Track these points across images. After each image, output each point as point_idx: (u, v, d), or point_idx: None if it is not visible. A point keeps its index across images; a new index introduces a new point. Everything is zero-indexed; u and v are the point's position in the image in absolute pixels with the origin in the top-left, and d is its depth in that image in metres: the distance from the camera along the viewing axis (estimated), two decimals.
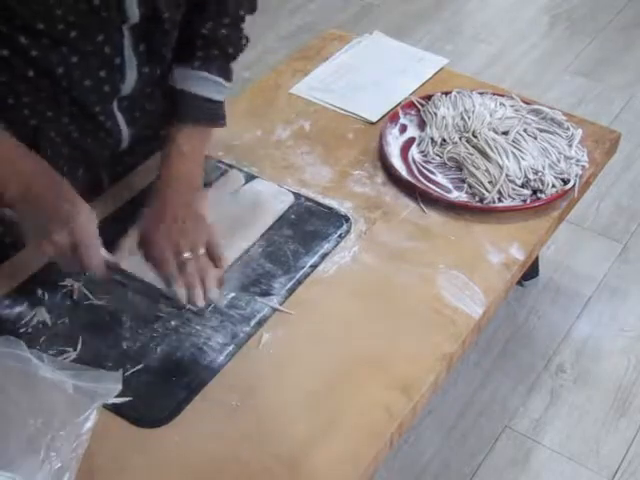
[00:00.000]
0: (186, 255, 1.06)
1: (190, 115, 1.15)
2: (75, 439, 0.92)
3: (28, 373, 0.96)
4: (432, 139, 1.41)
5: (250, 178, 1.30)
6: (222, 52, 1.17)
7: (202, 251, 1.08)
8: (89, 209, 1.02)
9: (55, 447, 0.90)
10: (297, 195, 1.29)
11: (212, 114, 1.18)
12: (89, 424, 0.93)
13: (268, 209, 1.24)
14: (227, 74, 1.19)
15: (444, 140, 1.40)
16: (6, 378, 0.96)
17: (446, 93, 1.50)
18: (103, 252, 1.03)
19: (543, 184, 1.32)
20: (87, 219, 1.01)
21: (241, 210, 1.22)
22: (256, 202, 1.24)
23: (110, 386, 0.97)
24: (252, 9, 1.21)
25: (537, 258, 1.85)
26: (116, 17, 1.03)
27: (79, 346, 1.04)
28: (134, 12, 1.03)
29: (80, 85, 1.07)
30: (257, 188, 1.27)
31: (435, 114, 1.45)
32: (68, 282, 1.13)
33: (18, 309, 1.09)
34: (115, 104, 1.14)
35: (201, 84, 1.16)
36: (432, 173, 1.36)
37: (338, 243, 1.22)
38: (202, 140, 1.18)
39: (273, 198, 1.26)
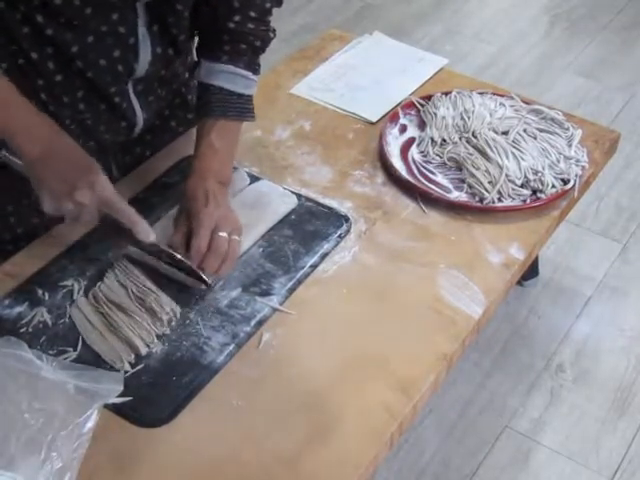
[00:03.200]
0: (222, 234, 1.10)
1: (220, 110, 1.17)
2: (76, 439, 0.92)
3: (29, 373, 0.96)
4: (432, 139, 1.41)
5: (255, 179, 1.30)
6: (250, 46, 1.18)
7: (236, 237, 1.13)
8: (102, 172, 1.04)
9: (56, 447, 0.90)
10: (297, 195, 1.29)
11: (241, 108, 1.19)
12: (90, 424, 0.93)
13: (271, 211, 1.24)
14: (255, 68, 1.20)
15: (444, 140, 1.40)
16: (7, 378, 0.96)
17: (446, 93, 1.50)
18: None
19: (543, 184, 1.32)
20: (104, 178, 1.02)
21: (244, 210, 1.22)
22: (259, 203, 1.24)
23: (111, 386, 0.97)
24: (279, 2, 1.21)
25: (537, 258, 1.85)
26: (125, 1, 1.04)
27: (79, 346, 1.04)
28: None
29: (95, 65, 1.09)
30: (261, 189, 1.27)
31: (435, 114, 1.45)
32: (68, 282, 1.13)
33: (18, 309, 1.09)
34: (130, 87, 1.15)
35: (230, 79, 1.17)
36: (432, 173, 1.36)
37: (338, 243, 1.22)
38: (233, 134, 1.20)
39: (277, 200, 1.25)
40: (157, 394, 1.00)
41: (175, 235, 1.13)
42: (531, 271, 1.93)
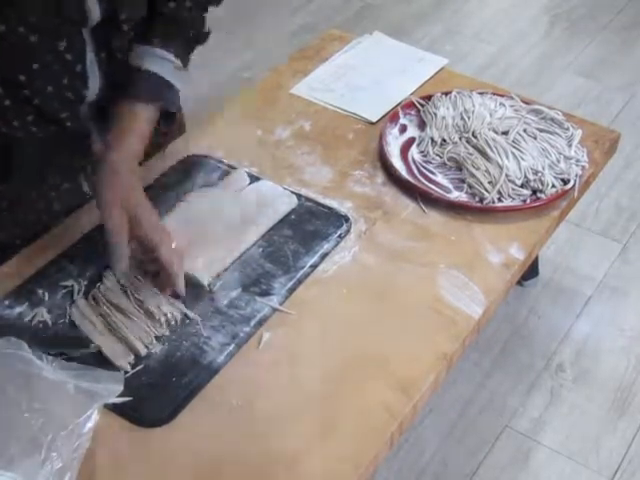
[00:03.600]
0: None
1: (143, 93, 1.13)
2: (76, 439, 0.92)
3: (30, 373, 0.96)
4: (432, 139, 1.41)
5: (255, 179, 1.30)
6: (181, 33, 1.16)
7: (138, 210, 1.08)
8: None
9: (56, 447, 0.90)
10: (297, 195, 1.29)
11: (165, 96, 1.15)
12: (90, 424, 0.93)
13: (271, 210, 1.24)
14: (184, 57, 1.17)
15: (444, 140, 1.40)
16: (8, 378, 0.96)
17: (446, 93, 1.50)
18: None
19: (543, 184, 1.32)
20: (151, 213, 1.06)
21: (243, 210, 1.22)
22: (259, 203, 1.24)
23: (111, 386, 0.97)
24: (218, 1, 1.20)
25: (537, 258, 1.85)
26: (77, 16, 1.03)
27: (79, 347, 1.04)
28: (95, 11, 1.03)
29: (42, 92, 1.07)
30: (261, 189, 1.27)
31: (435, 114, 1.45)
32: (68, 282, 1.13)
33: (18, 309, 1.09)
34: (87, 112, 1.14)
35: (157, 62, 1.14)
36: (432, 173, 1.36)
37: (338, 243, 1.22)
38: (149, 120, 1.14)
39: (277, 200, 1.26)
40: (157, 394, 1.00)
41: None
42: (531, 271, 1.93)
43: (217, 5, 1.21)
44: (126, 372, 1.01)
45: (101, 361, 1.02)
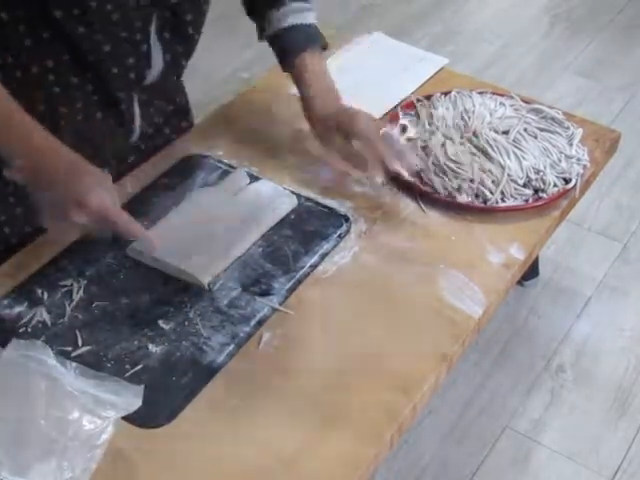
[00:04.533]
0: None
1: (303, 44, 1.25)
2: (89, 450, 0.91)
3: (50, 379, 0.96)
4: (432, 139, 1.40)
5: (255, 179, 1.30)
6: None
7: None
8: (104, 179, 1.03)
9: (68, 457, 0.90)
10: (297, 195, 1.29)
11: (318, 36, 1.28)
12: (105, 436, 0.93)
13: (270, 211, 1.23)
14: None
15: (444, 140, 1.40)
16: (29, 382, 0.95)
17: (446, 93, 1.50)
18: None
19: (545, 183, 1.32)
20: (101, 195, 1.00)
21: (243, 210, 1.22)
22: (259, 203, 1.24)
23: (130, 400, 0.96)
24: None
25: (537, 258, 1.85)
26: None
27: (79, 347, 1.04)
28: None
29: (108, 73, 1.09)
30: (261, 189, 1.27)
31: (435, 114, 1.44)
32: (68, 282, 1.13)
33: (18, 309, 1.09)
34: (135, 97, 1.16)
35: (292, 15, 1.25)
36: (432, 173, 1.36)
37: (338, 243, 1.22)
38: (323, 61, 1.28)
39: (277, 200, 1.25)
40: (157, 394, 0.99)
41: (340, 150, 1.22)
42: (531, 271, 1.93)
43: None
44: (125, 371, 1.01)
45: (100, 361, 1.02)
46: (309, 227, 1.24)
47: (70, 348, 1.04)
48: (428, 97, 1.51)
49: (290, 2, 1.24)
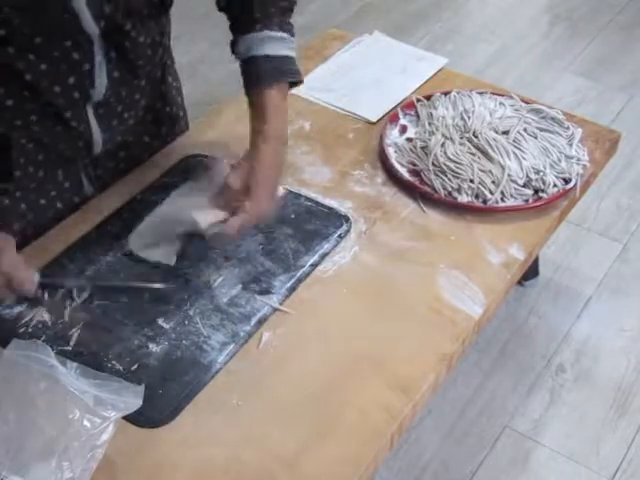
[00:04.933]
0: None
1: (266, 76, 1.15)
2: (90, 450, 0.91)
3: (51, 379, 0.96)
4: (432, 139, 1.40)
5: None
6: (278, 8, 1.17)
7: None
8: (6, 239, 1.05)
9: (68, 457, 0.90)
10: (297, 195, 1.29)
11: (284, 70, 1.18)
12: (106, 436, 0.93)
13: None
14: (288, 28, 1.19)
15: (444, 140, 1.40)
16: (29, 381, 0.96)
17: (446, 93, 1.50)
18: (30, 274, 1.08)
19: (545, 183, 1.32)
20: (10, 254, 1.04)
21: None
22: None
23: (131, 400, 0.96)
24: None
25: (537, 258, 1.85)
26: (76, 31, 1.03)
27: (79, 347, 1.04)
28: (92, 28, 1.03)
29: (49, 91, 1.07)
30: None
31: (435, 114, 1.44)
32: (68, 282, 1.13)
33: (18, 309, 1.09)
34: (90, 111, 1.14)
35: (268, 44, 1.16)
36: (432, 173, 1.36)
37: (338, 243, 1.22)
38: (283, 97, 1.18)
39: None
40: (157, 394, 1.00)
41: (231, 176, 1.11)
42: (531, 271, 1.93)
43: None
44: (126, 373, 1.01)
45: (100, 361, 1.02)
46: (309, 227, 1.24)
47: (70, 348, 1.04)
48: (428, 97, 1.51)
49: (271, 27, 1.16)
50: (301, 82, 1.20)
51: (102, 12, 1.03)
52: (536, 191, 1.32)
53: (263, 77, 1.15)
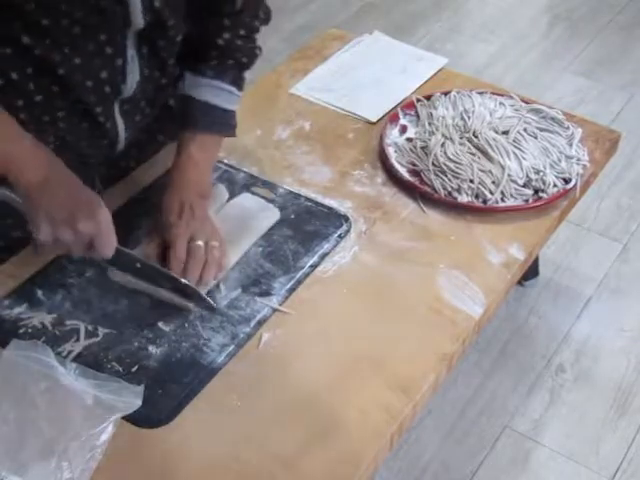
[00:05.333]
0: (198, 242, 1.10)
1: (203, 123, 1.17)
2: (89, 450, 0.91)
3: (50, 379, 0.96)
4: (432, 139, 1.40)
5: (236, 192, 1.28)
6: (237, 62, 1.18)
7: (215, 243, 1.12)
8: (97, 202, 1.04)
9: (67, 457, 0.90)
10: (297, 195, 1.29)
11: (224, 123, 1.19)
12: (105, 436, 0.93)
13: (254, 226, 1.21)
14: (239, 83, 1.20)
15: (444, 140, 1.40)
16: (29, 382, 0.96)
17: (446, 93, 1.50)
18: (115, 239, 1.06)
19: (545, 183, 1.32)
20: (106, 210, 1.03)
21: (226, 226, 1.19)
22: (241, 219, 1.22)
23: (130, 400, 0.96)
24: (267, 20, 1.22)
25: (537, 258, 1.85)
26: (120, 22, 1.03)
27: (79, 347, 1.04)
28: (139, 20, 1.04)
29: (81, 86, 1.08)
30: (243, 204, 1.25)
31: (434, 114, 1.44)
32: (68, 283, 1.12)
33: (18, 309, 1.09)
34: (117, 107, 1.14)
35: (215, 93, 1.17)
36: (432, 173, 1.36)
37: (338, 243, 1.22)
38: (213, 148, 1.20)
39: (259, 215, 1.23)
40: (157, 394, 1.00)
41: (148, 246, 1.13)
42: (531, 271, 1.93)
43: (267, 24, 1.22)
44: (126, 373, 1.01)
45: (100, 361, 1.02)
46: (309, 227, 1.24)
47: (70, 349, 1.04)
48: (428, 97, 1.51)
49: (214, 77, 1.17)
50: (234, 135, 1.22)
51: (152, 5, 1.04)
52: (536, 191, 1.32)
53: (194, 122, 1.17)
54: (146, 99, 1.18)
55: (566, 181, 1.35)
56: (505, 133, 1.39)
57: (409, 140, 1.42)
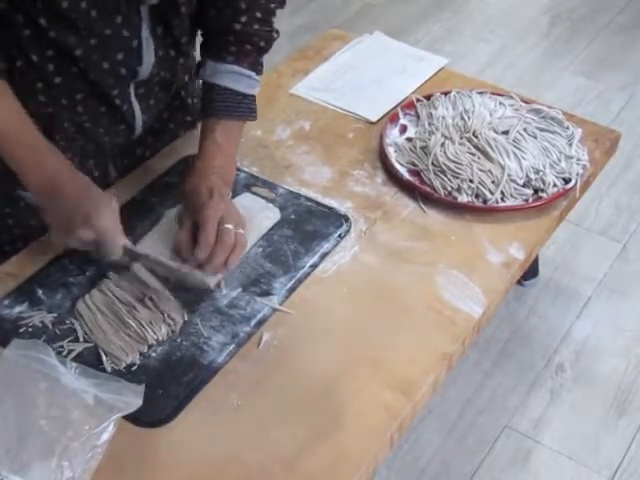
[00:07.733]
0: (228, 226, 1.10)
1: (225, 110, 1.19)
2: (90, 450, 0.91)
3: (51, 378, 0.96)
4: (432, 139, 1.40)
5: (236, 192, 1.28)
6: (255, 46, 1.20)
7: (241, 230, 1.13)
8: (110, 200, 1.07)
9: (68, 457, 0.90)
10: (297, 195, 1.29)
11: (245, 108, 1.21)
12: (106, 436, 0.93)
13: (254, 226, 1.21)
14: (258, 68, 1.22)
15: (444, 140, 1.40)
16: (29, 381, 0.96)
17: (445, 93, 1.50)
18: (123, 240, 1.09)
19: (544, 183, 1.32)
20: (108, 216, 1.06)
21: None
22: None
23: (131, 400, 0.96)
24: (282, 3, 1.23)
25: (537, 258, 1.85)
26: (135, 2, 1.05)
27: (80, 346, 1.04)
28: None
29: (98, 68, 1.09)
30: (243, 204, 1.24)
31: (434, 114, 1.44)
32: (69, 281, 1.12)
33: (18, 309, 1.09)
34: (132, 90, 1.16)
35: (235, 79, 1.19)
36: (432, 173, 1.36)
37: (338, 243, 1.22)
38: (237, 133, 1.22)
39: (259, 215, 1.23)
40: (157, 394, 1.00)
41: (181, 232, 1.13)
42: (531, 271, 1.93)
43: (283, 7, 1.24)
44: (126, 371, 1.01)
45: (100, 361, 1.02)
46: (309, 227, 1.24)
47: (71, 348, 1.04)
48: (428, 97, 1.51)
49: (233, 62, 1.18)
50: (255, 119, 1.23)
51: None
52: (536, 191, 1.32)
53: (216, 108, 1.18)
54: (160, 83, 1.20)
55: (566, 181, 1.35)
56: (505, 133, 1.39)
57: (409, 140, 1.42)
